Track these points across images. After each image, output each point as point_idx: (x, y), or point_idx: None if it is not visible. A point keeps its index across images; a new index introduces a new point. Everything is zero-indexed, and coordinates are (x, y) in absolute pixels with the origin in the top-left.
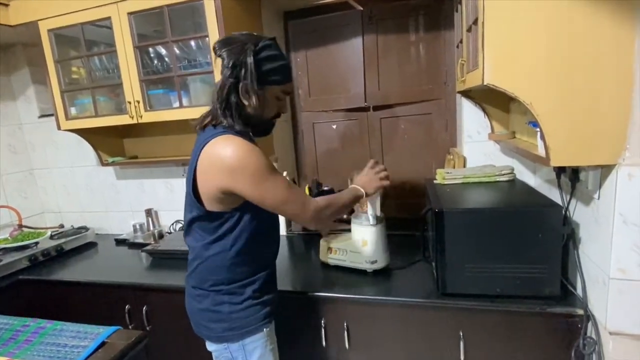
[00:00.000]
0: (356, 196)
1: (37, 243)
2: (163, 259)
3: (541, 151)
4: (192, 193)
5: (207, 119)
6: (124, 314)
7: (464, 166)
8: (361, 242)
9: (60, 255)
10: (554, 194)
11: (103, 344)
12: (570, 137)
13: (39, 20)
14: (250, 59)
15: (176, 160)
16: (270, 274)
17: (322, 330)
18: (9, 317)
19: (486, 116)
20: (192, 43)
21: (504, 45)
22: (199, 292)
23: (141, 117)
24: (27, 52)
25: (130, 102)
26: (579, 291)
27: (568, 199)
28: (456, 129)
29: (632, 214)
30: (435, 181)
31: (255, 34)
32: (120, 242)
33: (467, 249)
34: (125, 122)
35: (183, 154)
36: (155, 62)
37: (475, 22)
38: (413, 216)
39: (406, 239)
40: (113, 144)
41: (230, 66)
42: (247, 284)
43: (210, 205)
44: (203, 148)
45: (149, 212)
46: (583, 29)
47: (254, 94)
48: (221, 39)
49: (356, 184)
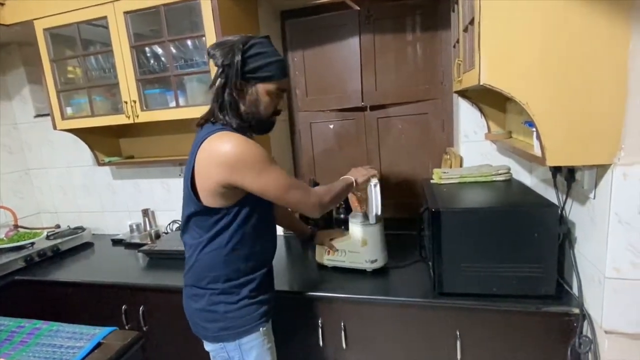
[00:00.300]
0: (348, 184)
1: (33, 243)
2: (160, 259)
3: (537, 151)
4: (190, 188)
5: (206, 117)
6: (121, 315)
7: (461, 166)
8: (361, 241)
9: (56, 256)
10: (550, 194)
11: (99, 344)
12: (566, 137)
13: (34, 20)
14: (238, 57)
15: (173, 160)
16: (267, 274)
17: (319, 330)
18: (4, 318)
19: (483, 116)
20: (189, 42)
21: (500, 45)
22: (196, 292)
23: (137, 116)
24: (22, 52)
25: (126, 102)
26: (575, 290)
27: (564, 198)
28: (453, 128)
29: (627, 213)
30: (432, 181)
31: (250, 35)
32: (117, 242)
33: (463, 249)
34: (121, 122)
35: (180, 154)
36: (152, 61)
37: (472, 22)
38: (410, 216)
39: (403, 238)
40: (109, 143)
41: (220, 65)
42: (244, 283)
43: (208, 201)
44: (201, 144)
45: (145, 212)
46: (578, 29)
47: (242, 91)
48: (215, 42)
49: (345, 176)
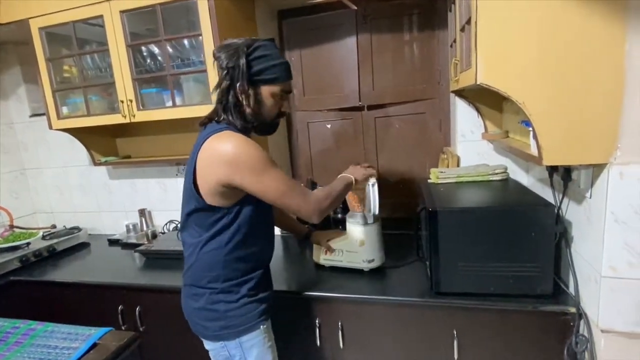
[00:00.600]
0: (348, 183)
1: (28, 244)
2: (156, 259)
3: (534, 150)
4: (192, 185)
5: (210, 117)
6: (117, 315)
7: (458, 165)
8: (358, 241)
9: (52, 256)
10: (546, 193)
11: (95, 345)
12: (562, 136)
13: (29, 19)
14: (243, 59)
15: (170, 160)
16: (264, 273)
17: (317, 330)
18: None
19: (480, 115)
20: (186, 42)
21: (497, 45)
22: (195, 291)
23: (134, 116)
24: (18, 51)
25: (122, 101)
26: (571, 289)
27: (560, 197)
28: (450, 128)
29: (624, 212)
30: (429, 180)
31: (255, 38)
32: (113, 242)
33: (460, 248)
34: (118, 122)
35: (176, 154)
36: (148, 60)
37: (469, 21)
38: (407, 215)
39: (400, 238)
40: (106, 143)
41: (225, 67)
42: (242, 282)
43: (209, 199)
44: (204, 143)
45: (142, 212)
46: (575, 29)
47: (247, 93)
48: (221, 44)
49: (344, 174)
